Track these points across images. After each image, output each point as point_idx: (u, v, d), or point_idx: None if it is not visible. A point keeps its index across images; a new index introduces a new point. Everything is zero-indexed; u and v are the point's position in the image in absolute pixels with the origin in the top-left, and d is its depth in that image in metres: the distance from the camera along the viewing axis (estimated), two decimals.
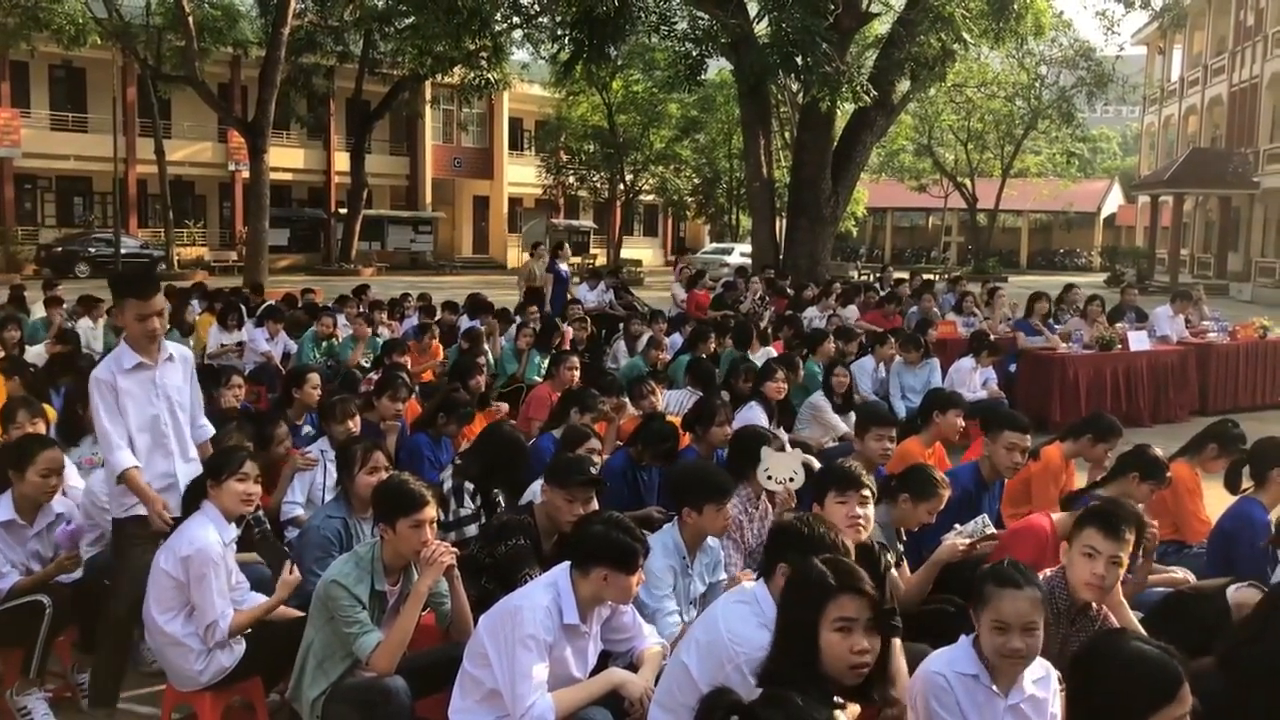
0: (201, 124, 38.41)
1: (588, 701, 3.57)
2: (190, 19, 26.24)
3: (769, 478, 4.76)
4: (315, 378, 6.96)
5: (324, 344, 10.62)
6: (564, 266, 16.64)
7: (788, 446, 5.35)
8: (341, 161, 41.25)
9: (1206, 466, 6.01)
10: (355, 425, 6.02)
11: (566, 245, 18.07)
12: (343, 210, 41.03)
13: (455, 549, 3.90)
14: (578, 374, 8.21)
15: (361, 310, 11.95)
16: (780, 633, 3.02)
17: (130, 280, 4.37)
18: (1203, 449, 6.01)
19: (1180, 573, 4.94)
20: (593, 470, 4.50)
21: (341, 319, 11.41)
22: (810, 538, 3.45)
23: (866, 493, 4.11)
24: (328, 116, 41.62)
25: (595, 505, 4.44)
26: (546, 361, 9.75)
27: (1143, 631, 3.91)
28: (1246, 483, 5.27)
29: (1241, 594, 4.28)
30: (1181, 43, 46.81)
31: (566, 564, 3.63)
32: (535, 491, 4.94)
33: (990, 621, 3.09)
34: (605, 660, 3.87)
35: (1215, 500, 5.71)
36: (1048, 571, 3.94)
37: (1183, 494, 5.84)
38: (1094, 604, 3.83)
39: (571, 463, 4.61)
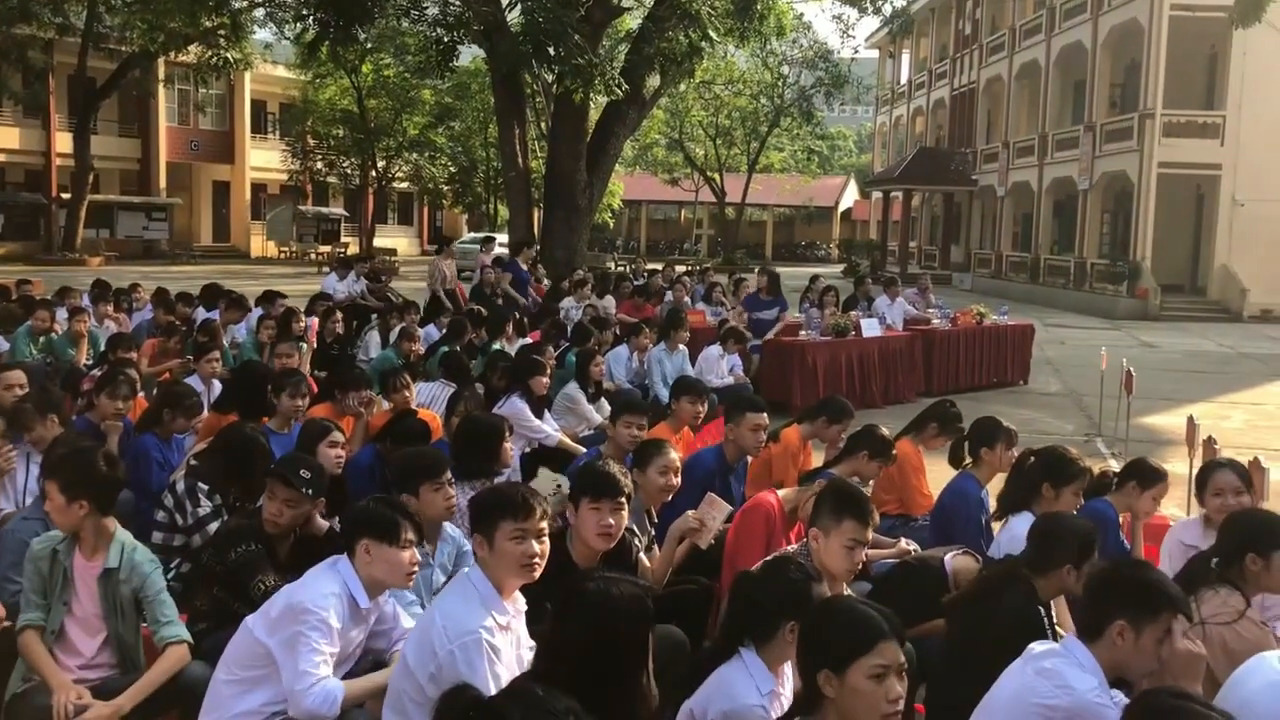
0: None
1: (372, 694, 3.44)
2: None
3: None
4: (14, 375, 6.32)
5: (41, 340, 9.77)
6: (523, 265, 15.93)
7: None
8: (64, 143, 38.12)
9: (928, 444, 6.46)
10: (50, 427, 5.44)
11: (528, 249, 17.10)
12: (65, 195, 37.96)
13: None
14: (294, 362, 7.93)
15: (80, 304, 11.04)
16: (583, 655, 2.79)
17: None
18: (924, 428, 6.46)
19: (905, 544, 5.27)
20: (304, 473, 4.13)
21: (62, 313, 10.53)
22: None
23: (622, 499, 3.99)
24: (47, 94, 38.33)
25: (304, 511, 4.19)
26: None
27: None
28: (966, 458, 5.70)
29: (958, 561, 4.61)
30: (909, 48, 50.09)
31: (341, 555, 3.51)
32: None
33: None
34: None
35: (938, 476, 6.13)
36: (793, 548, 4.12)
37: (908, 470, 6.25)
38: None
39: (288, 459, 4.35)
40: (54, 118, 39.06)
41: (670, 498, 4.91)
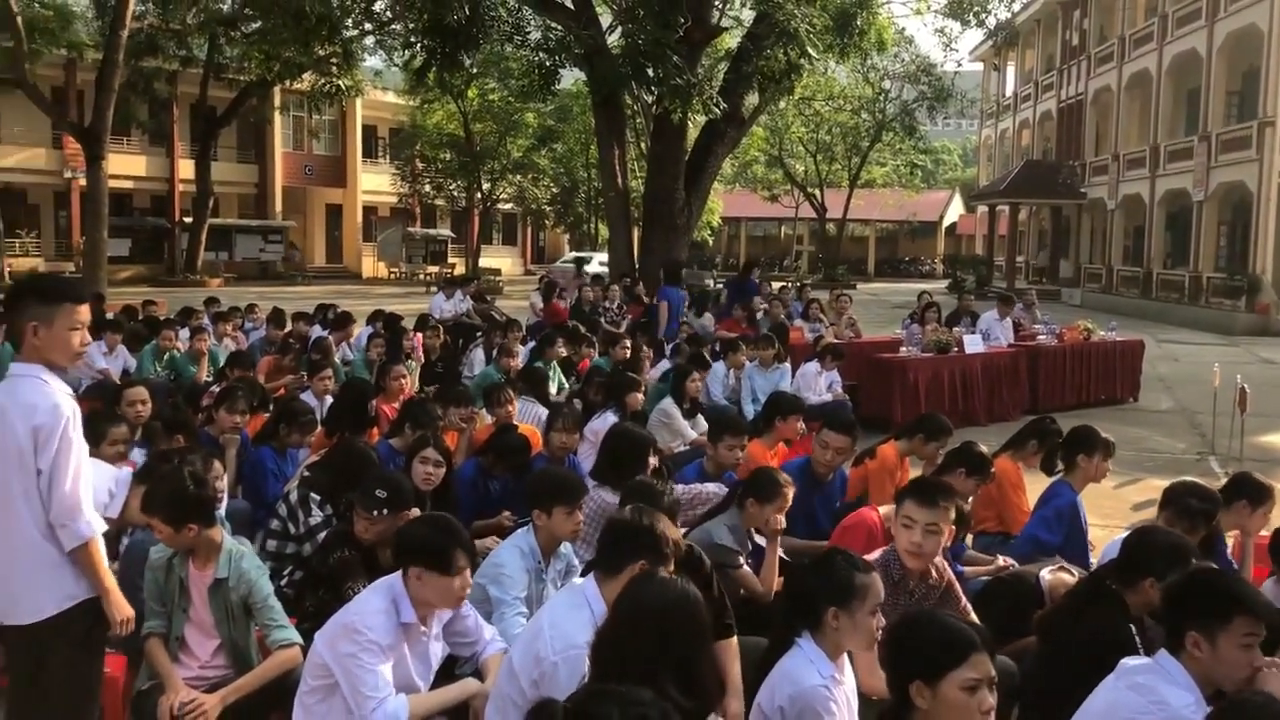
0: (34, 129, 36.50)
1: (440, 709, 3.59)
2: (19, 19, 24.98)
3: None
4: (138, 392, 6.66)
5: (165, 357, 10.27)
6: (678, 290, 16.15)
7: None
8: (186, 169, 39.83)
9: (1028, 461, 6.40)
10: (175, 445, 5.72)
11: (683, 271, 17.54)
12: (188, 219, 39.63)
13: None
14: (407, 383, 8.22)
15: (201, 324, 11.57)
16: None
17: (63, 285, 3.73)
18: (1024, 445, 6.40)
19: (1002, 560, 5.24)
20: (379, 493, 4.32)
21: (185, 332, 11.06)
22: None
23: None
24: (171, 122, 40.11)
25: (397, 523, 4.27)
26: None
27: (968, 607, 4.19)
28: (1059, 467, 5.66)
29: (1055, 576, 4.58)
30: (1015, 60, 49.17)
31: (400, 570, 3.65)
32: None
33: (872, 608, 3.25)
34: (454, 664, 3.91)
35: (1037, 493, 6.06)
36: (882, 549, 4.18)
37: (1007, 487, 6.19)
38: (933, 572, 4.08)
39: (368, 483, 4.48)
40: (177, 145, 40.82)
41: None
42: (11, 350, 9.98)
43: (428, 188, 46.02)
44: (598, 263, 36.37)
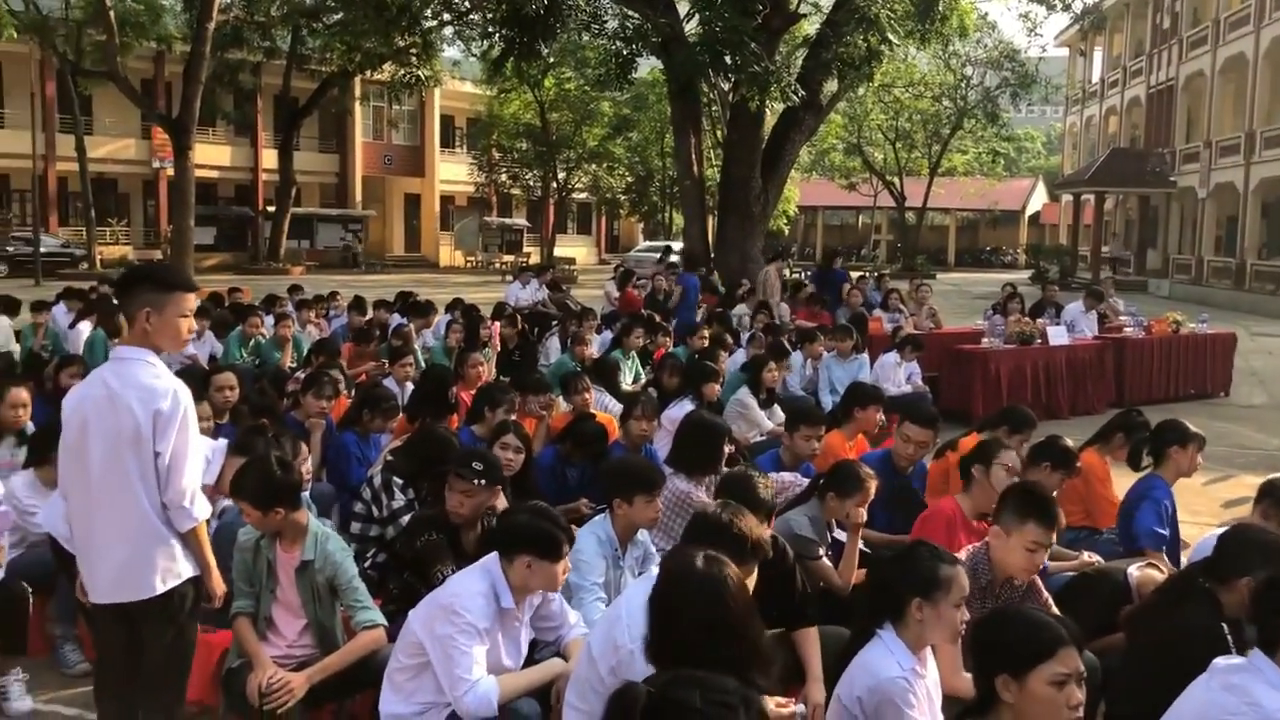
0: (124, 120, 37.59)
1: (528, 689, 3.64)
2: (111, 13, 25.66)
3: None
4: (226, 378, 6.80)
5: (250, 343, 10.50)
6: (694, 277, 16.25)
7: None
8: (269, 159, 40.72)
9: (1115, 455, 6.24)
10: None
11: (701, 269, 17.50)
12: (270, 208, 40.46)
13: None
14: (484, 370, 8.29)
15: (286, 310, 11.80)
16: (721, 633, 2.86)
17: (176, 273, 3.85)
18: (1110, 438, 6.25)
19: (1088, 556, 5.13)
20: (475, 465, 4.37)
21: (269, 319, 11.29)
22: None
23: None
24: (255, 113, 41.01)
25: (483, 500, 4.42)
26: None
27: (1049, 601, 4.11)
28: (1146, 460, 5.52)
29: (1143, 573, 4.47)
30: (1101, 45, 47.99)
31: (494, 554, 3.68)
32: None
33: (957, 600, 3.21)
34: (534, 648, 3.94)
35: (1125, 488, 5.92)
36: (970, 548, 4.11)
37: (1093, 481, 6.05)
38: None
39: (463, 455, 4.58)
40: (260, 135, 41.73)
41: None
42: (104, 336, 10.28)
43: (504, 177, 46.41)
44: (673, 251, 36.41)
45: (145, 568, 3.57)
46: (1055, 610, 4.04)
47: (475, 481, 4.31)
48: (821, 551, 4.79)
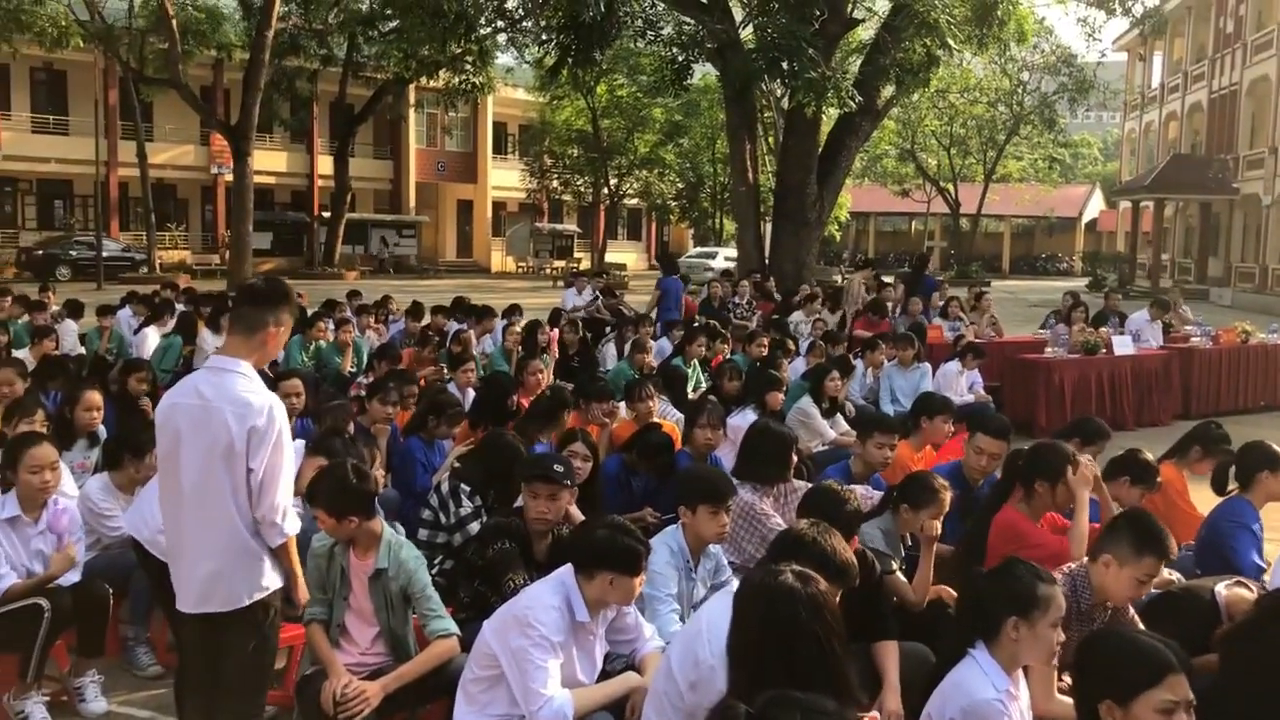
0: (184, 127, 38.25)
1: (605, 703, 3.60)
2: (174, 21, 26.15)
3: None
4: (293, 384, 6.81)
5: (312, 348, 10.59)
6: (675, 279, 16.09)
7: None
8: (325, 165, 41.18)
9: (1192, 468, 6.07)
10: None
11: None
12: (326, 214, 40.94)
13: None
14: (544, 377, 8.32)
15: (346, 316, 11.89)
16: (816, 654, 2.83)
17: (286, 288, 3.81)
18: (1187, 451, 6.08)
19: (1168, 574, 4.99)
20: (557, 468, 4.39)
21: (329, 324, 11.38)
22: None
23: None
24: (311, 120, 41.52)
25: (565, 503, 4.42)
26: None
27: (1135, 618, 4.01)
28: (1232, 484, 5.35)
29: (1232, 591, 4.33)
30: (1162, 49, 47.15)
31: (569, 566, 3.64)
32: None
33: (1054, 620, 3.13)
34: (605, 659, 3.91)
35: (1201, 502, 5.77)
36: (1069, 567, 4.00)
37: (1172, 495, 5.89)
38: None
39: (534, 459, 4.58)
40: (316, 142, 42.22)
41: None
42: (179, 343, 10.37)
43: (555, 183, 46.59)
44: (723, 258, 36.30)
45: (233, 581, 3.54)
46: (1141, 627, 3.94)
47: (563, 482, 4.31)
48: (895, 565, 4.71)
